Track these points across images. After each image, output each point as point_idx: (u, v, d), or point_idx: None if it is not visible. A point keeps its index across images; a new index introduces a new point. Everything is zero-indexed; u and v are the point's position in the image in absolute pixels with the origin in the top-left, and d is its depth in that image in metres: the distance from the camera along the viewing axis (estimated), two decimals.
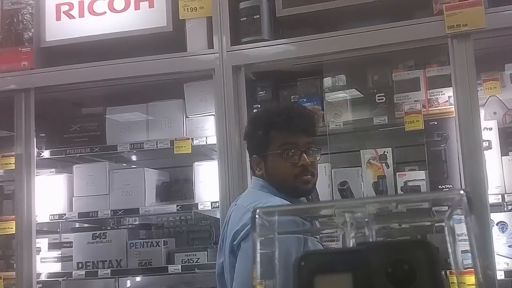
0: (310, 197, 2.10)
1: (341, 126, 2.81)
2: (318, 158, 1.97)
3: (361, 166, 2.82)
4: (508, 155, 2.65)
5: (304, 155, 1.90)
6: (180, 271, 2.97)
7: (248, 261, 1.71)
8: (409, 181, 2.72)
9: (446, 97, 2.71)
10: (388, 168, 2.78)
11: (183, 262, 3.00)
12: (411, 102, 2.71)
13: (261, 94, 3.01)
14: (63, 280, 3.26)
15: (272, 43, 2.83)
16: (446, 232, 1.10)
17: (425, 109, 2.71)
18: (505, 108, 2.73)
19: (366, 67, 2.90)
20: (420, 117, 2.65)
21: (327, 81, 2.89)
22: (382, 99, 2.80)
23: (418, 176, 2.72)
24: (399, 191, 2.74)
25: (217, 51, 2.89)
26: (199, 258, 2.97)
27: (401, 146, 2.94)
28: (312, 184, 1.95)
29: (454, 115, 2.54)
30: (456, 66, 2.53)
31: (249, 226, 1.76)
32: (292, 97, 2.94)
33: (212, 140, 2.95)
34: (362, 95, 2.88)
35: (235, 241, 1.81)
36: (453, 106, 2.57)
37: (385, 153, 2.80)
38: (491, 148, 2.59)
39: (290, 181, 1.90)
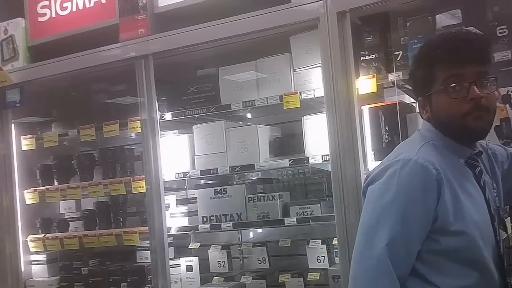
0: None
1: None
2: (493, 90, 1.67)
3: None
4: None
5: (474, 87, 1.60)
6: (296, 223, 3.02)
7: (369, 205, 1.66)
8: None
9: None
10: None
11: (298, 214, 3.04)
12: None
13: (368, 39, 2.84)
14: (191, 233, 3.50)
15: None
16: None
17: None
18: None
19: None
20: None
21: (440, 19, 2.63)
22: (505, 32, 2.48)
23: None
24: None
25: None
26: (313, 211, 2.99)
27: None
28: (486, 122, 1.65)
29: None
30: None
31: (377, 171, 1.68)
32: (402, 39, 2.73)
33: (320, 92, 2.90)
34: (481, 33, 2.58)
35: (364, 184, 1.74)
36: None
37: (509, 92, 2.51)
38: None
39: (458, 121, 1.63)
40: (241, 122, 3.65)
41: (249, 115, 3.65)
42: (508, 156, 1.86)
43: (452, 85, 1.62)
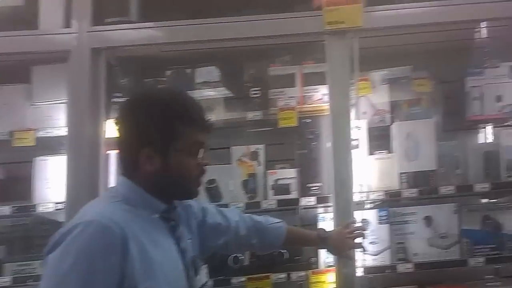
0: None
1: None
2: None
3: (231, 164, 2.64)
4: (374, 155, 2.65)
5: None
6: (12, 283, 2.55)
7: (47, 275, 1.44)
8: (279, 179, 2.59)
9: (320, 94, 2.65)
10: (259, 166, 2.63)
11: (15, 273, 2.57)
12: (286, 98, 2.62)
13: (123, 82, 2.72)
14: None
15: (138, 25, 2.60)
16: None
17: (299, 106, 2.63)
18: (374, 108, 2.75)
19: (243, 61, 2.77)
20: (294, 114, 2.55)
21: (200, 74, 2.67)
22: (257, 94, 2.68)
23: (288, 175, 2.61)
24: (269, 190, 2.60)
25: (75, 31, 2.60)
26: (35, 268, 2.57)
27: (274, 144, 2.77)
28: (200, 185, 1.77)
29: (326, 113, 2.47)
30: (332, 64, 2.45)
31: (58, 237, 1.47)
32: (160, 87, 2.67)
33: (62, 131, 2.65)
34: (234, 96, 2.75)
35: (45, 251, 1.49)
36: (326, 104, 2.50)
37: (257, 150, 2.64)
38: (358, 148, 2.56)
39: (189, 182, 1.68)
40: None
41: None
42: (201, 209, 1.96)
43: (194, 149, 1.66)
